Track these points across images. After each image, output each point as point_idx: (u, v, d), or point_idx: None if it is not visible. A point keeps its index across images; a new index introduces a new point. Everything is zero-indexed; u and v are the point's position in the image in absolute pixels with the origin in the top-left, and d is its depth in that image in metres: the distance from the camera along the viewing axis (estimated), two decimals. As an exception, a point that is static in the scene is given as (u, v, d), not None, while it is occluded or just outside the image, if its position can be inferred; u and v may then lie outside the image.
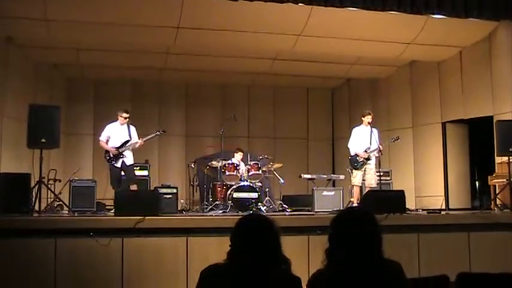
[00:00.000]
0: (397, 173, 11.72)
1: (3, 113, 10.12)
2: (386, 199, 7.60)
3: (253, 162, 10.02)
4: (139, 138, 9.33)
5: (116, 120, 9.37)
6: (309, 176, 11.13)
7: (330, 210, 8.68)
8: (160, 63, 12.08)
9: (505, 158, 8.98)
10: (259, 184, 9.90)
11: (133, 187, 9.66)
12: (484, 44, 10.61)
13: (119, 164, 9.14)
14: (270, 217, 2.82)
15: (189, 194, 11.61)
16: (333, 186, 11.26)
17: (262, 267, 2.62)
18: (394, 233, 6.45)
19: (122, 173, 9.17)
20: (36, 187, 7.51)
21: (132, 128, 9.39)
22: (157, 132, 9.64)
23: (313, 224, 6.64)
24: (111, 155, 9.14)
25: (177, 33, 9.82)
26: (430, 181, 11.85)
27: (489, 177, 9.84)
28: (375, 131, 9.58)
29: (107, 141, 9.25)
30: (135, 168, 9.73)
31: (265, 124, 14.22)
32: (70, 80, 13.00)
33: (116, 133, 9.27)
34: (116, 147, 9.15)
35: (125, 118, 9.32)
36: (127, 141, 9.22)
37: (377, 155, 9.37)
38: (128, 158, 9.24)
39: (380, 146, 9.31)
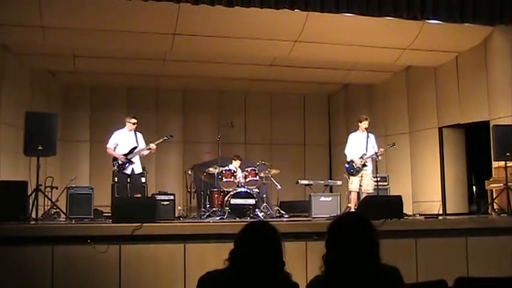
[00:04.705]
0: (394, 178, 11.73)
1: (-1, 120, 10.11)
2: (383, 204, 7.59)
3: (251, 168, 10.00)
4: (148, 144, 9.27)
5: (123, 127, 9.35)
6: (306, 182, 11.14)
7: (327, 216, 8.67)
8: (157, 69, 12.08)
9: (502, 163, 8.99)
10: (257, 190, 9.89)
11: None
12: (479, 49, 10.64)
13: (128, 171, 9.07)
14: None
15: (186, 200, 11.60)
16: (330, 192, 11.28)
17: (263, 274, 2.61)
18: (391, 238, 6.45)
19: (128, 180, 9.09)
20: (33, 195, 7.48)
21: (139, 135, 9.36)
22: (165, 137, 9.53)
23: (310, 230, 6.62)
24: (120, 162, 9.06)
25: (173, 39, 9.82)
26: (427, 186, 11.86)
27: (486, 181, 9.84)
28: (371, 136, 9.60)
29: (115, 148, 9.18)
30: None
31: (262, 130, 14.23)
32: (67, 86, 12.99)
33: (124, 140, 9.22)
34: (124, 154, 9.09)
35: (133, 124, 9.29)
36: (134, 148, 9.16)
37: (378, 159, 9.38)
38: (137, 166, 9.18)
39: (380, 150, 9.34)
